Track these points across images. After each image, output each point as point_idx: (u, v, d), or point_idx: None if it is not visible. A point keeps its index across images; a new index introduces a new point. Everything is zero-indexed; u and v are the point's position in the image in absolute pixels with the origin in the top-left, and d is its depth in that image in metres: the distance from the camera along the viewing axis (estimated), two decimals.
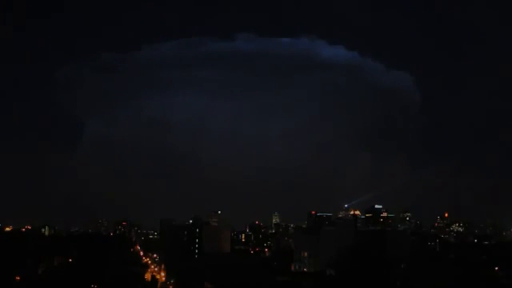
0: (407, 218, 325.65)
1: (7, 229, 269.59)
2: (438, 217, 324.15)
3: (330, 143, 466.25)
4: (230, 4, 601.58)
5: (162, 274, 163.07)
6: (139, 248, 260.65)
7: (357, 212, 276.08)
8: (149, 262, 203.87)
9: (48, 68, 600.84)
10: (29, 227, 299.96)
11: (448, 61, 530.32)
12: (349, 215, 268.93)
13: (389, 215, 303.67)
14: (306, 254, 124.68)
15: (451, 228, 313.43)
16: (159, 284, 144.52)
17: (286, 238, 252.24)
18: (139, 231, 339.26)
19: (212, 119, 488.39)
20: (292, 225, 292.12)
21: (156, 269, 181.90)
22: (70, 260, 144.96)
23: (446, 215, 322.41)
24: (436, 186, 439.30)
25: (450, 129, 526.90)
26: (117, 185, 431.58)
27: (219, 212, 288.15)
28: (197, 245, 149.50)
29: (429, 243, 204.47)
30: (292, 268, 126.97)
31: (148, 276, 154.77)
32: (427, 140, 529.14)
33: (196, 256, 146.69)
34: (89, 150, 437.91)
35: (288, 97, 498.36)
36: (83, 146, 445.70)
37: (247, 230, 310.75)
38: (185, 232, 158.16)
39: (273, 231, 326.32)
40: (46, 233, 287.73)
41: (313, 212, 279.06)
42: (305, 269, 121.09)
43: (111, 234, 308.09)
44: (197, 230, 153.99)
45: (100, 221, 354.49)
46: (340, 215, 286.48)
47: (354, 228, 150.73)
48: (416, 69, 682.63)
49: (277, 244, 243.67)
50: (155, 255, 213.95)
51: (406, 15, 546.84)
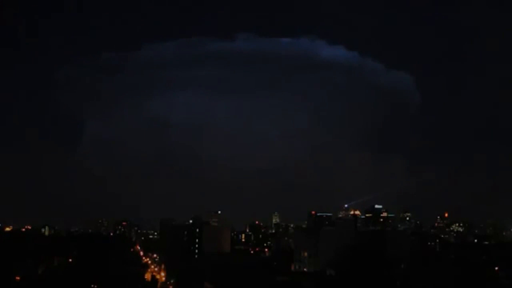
0: (407, 218, 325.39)
1: (7, 229, 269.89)
2: (438, 217, 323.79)
3: (330, 143, 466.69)
4: (230, 4, 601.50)
5: (162, 274, 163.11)
6: (139, 248, 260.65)
7: (357, 212, 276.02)
8: (149, 262, 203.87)
9: (48, 68, 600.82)
10: (29, 227, 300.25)
11: (448, 61, 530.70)
12: (349, 215, 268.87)
13: (389, 215, 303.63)
14: (306, 254, 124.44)
15: (451, 228, 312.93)
16: (159, 284, 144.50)
17: (286, 238, 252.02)
18: (139, 231, 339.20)
19: (212, 119, 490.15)
20: (292, 225, 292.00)
21: (156, 269, 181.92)
22: (70, 260, 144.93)
23: (446, 215, 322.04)
24: (436, 186, 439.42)
25: (450, 129, 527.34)
26: (117, 185, 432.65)
27: (219, 212, 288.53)
28: (197, 245, 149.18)
29: (429, 243, 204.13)
30: (292, 268, 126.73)
31: (148, 276, 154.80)
32: (427, 140, 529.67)
33: (196, 256, 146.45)
34: (89, 150, 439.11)
35: (288, 97, 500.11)
36: (83, 146, 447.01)
37: (247, 230, 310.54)
38: (185, 232, 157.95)
39: (273, 231, 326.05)
40: (46, 233, 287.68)
41: (313, 212, 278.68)
42: (305, 269, 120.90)
43: (111, 234, 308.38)
44: (197, 230, 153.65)
45: (100, 221, 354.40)
46: (340, 215, 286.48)
47: (354, 228, 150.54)
48: (416, 69, 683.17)
49: (277, 244, 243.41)
50: (155, 255, 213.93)
51: (406, 15, 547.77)
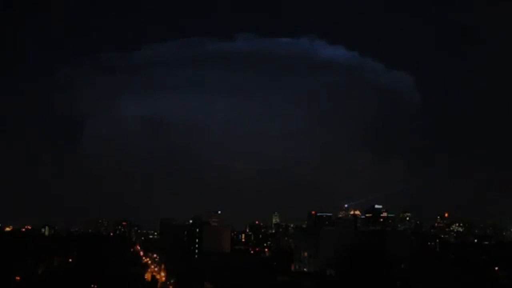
0: (407, 218, 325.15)
1: (7, 229, 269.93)
2: (438, 217, 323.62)
3: (330, 143, 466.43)
4: (230, 4, 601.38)
5: (162, 274, 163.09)
6: (139, 248, 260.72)
7: (357, 212, 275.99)
8: (149, 262, 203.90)
9: (48, 68, 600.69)
10: (29, 227, 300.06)
11: (448, 61, 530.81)
12: (349, 215, 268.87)
13: (389, 215, 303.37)
14: (306, 254, 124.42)
15: (451, 228, 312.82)
16: (159, 284, 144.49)
17: (286, 238, 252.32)
18: (139, 231, 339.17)
19: (212, 119, 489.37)
20: (292, 225, 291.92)
21: (156, 269, 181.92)
22: (70, 260, 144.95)
23: (446, 215, 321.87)
24: (436, 186, 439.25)
25: (450, 129, 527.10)
26: (117, 185, 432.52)
27: (219, 212, 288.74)
28: (197, 245, 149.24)
29: (429, 243, 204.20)
30: (292, 268, 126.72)
31: (148, 276, 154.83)
32: (427, 140, 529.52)
33: (196, 256, 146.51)
34: (89, 150, 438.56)
35: (288, 97, 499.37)
36: (83, 146, 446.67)
37: (247, 230, 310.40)
38: (185, 232, 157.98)
39: (273, 231, 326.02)
40: (46, 233, 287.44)
41: (313, 212, 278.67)
42: (305, 269, 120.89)
43: (111, 234, 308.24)
44: (197, 230, 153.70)
45: (100, 221, 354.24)
46: (340, 215, 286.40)
47: (354, 228, 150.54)
48: (416, 69, 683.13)
49: (277, 244, 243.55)
50: (155, 255, 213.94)
51: (406, 15, 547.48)
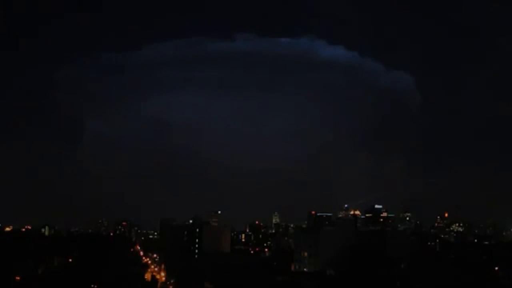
0: (407, 218, 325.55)
1: (7, 229, 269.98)
2: (438, 217, 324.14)
3: (330, 143, 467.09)
4: (230, 4, 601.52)
5: (162, 274, 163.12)
6: (139, 248, 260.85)
7: (357, 212, 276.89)
8: (149, 262, 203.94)
9: (48, 68, 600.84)
10: (29, 227, 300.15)
11: (448, 61, 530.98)
12: (349, 215, 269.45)
13: (389, 215, 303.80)
14: (306, 254, 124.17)
15: (451, 228, 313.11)
16: (159, 284, 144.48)
17: (286, 238, 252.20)
18: (139, 231, 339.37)
19: (212, 119, 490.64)
20: (292, 225, 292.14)
21: (156, 269, 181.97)
22: (70, 260, 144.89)
23: (446, 215, 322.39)
24: (436, 186, 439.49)
25: (450, 129, 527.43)
26: (117, 185, 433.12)
27: (219, 212, 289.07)
28: (197, 245, 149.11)
29: (429, 243, 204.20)
30: (292, 268, 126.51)
31: (148, 276, 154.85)
32: (427, 140, 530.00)
33: (196, 256, 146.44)
34: (89, 150, 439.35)
35: (288, 97, 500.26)
36: (83, 146, 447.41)
37: (247, 230, 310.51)
38: (185, 232, 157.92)
39: (273, 231, 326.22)
40: (46, 233, 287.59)
41: (313, 212, 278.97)
42: (305, 269, 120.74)
43: (111, 234, 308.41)
44: (197, 230, 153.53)
45: (100, 221, 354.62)
46: (340, 215, 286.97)
47: (354, 228, 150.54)
48: (416, 69, 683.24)
49: (277, 244, 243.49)
50: (155, 255, 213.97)
51: (406, 15, 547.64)
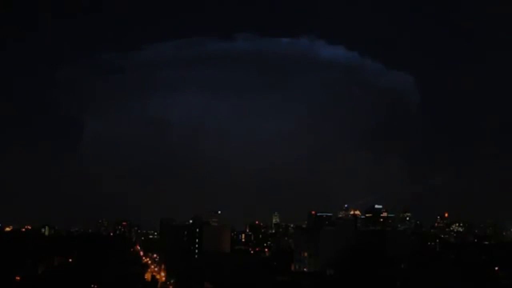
0: (407, 218, 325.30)
1: (7, 229, 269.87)
2: (438, 217, 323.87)
3: (330, 143, 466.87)
4: (230, 4, 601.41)
5: (162, 274, 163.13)
6: (139, 248, 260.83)
7: (357, 212, 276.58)
8: (149, 262, 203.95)
9: (48, 68, 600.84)
10: (29, 227, 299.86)
11: (448, 61, 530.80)
12: (349, 215, 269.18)
13: (389, 215, 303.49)
14: (306, 254, 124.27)
15: (451, 228, 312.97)
16: (159, 284, 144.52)
17: (286, 238, 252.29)
18: (139, 231, 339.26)
19: (212, 119, 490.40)
20: (292, 225, 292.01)
21: (156, 269, 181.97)
22: (70, 260, 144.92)
23: (446, 215, 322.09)
24: (436, 186, 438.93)
25: (450, 129, 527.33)
26: (117, 185, 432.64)
27: (219, 212, 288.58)
28: (197, 245, 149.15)
29: (429, 243, 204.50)
30: (292, 268, 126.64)
31: (148, 276, 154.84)
32: (427, 140, 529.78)
33: (196, 256, 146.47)
34: (89, 150, 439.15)
35: (288, 97, 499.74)
36: (83, 146, 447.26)
37: (247, 230, 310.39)
38: (185, 232, 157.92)
39: (273, 231, 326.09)
40: (46, 233, 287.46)
41: (313, 212, 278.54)
42: (305, 269, 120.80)
43: (111, 234, 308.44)
44: (197, 230, 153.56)
45: (100, 221, 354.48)
46: (340, 215, 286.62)
47: (354, 228, 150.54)
48: (416, 69, 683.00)
49: (277, 244, 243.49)
50: (155, 255, 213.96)
51: (406, 15, 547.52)
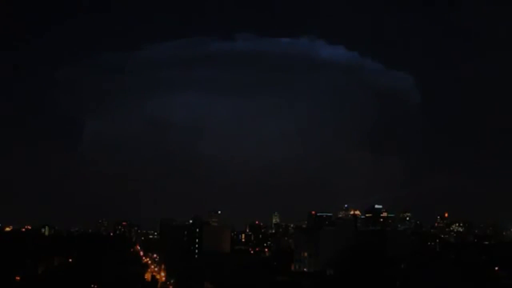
0: (407, 218, 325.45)
1: (7, 229, 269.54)
2: (438, 217, 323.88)
3: (330, 143, 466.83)
4: (230, 4, 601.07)
5: (162, 274, 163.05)
6: (139, 248, 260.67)
7: (357, 212, 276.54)
8: (149, 262, 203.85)
9: (48, 68, 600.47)
10: (29, 227, 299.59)
11: (448, 61, 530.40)
12: (349, 215, 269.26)
13: (389, 215, 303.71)
14: (306, 254, 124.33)
15: (451, 228, 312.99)
16: (159, 284, 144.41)
17: (286, 238, 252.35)
18: (139, 231, 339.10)
19: (212, 119, 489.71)
20: (292, 225, 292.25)
21: (156, 269, 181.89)
22: (70, 260, 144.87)
23: (446, 215, 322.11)
24: (436, 186, 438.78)
25: (450, 129, 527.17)
26: (117, 185, 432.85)
27: (219, 212, 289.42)
28: (197, 245, 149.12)
29: (429, 243, 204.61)
30: (292, 268, 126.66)
31: (148, 276, 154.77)
32: (427, 140, 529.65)
33: (196, 256, 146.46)
34: (89, 150, 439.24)
35: (288, 97, 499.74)
36: (83, 146, 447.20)
37: (247, 230, 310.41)
38: (185, 232, 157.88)
39: (273, 231, 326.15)
40: (46, 233, 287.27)
41: (313, 212, 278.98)
42: (305, 269, 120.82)
43: (111, 234, 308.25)
44: (197, 230, 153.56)
45: (100, 221, 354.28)
46: (340, 215, 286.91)
47: (354, 228, 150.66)
48: (416, 69, 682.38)
49: (277, 244, 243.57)
50: (155, 255, 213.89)
51: (406, 15, 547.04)
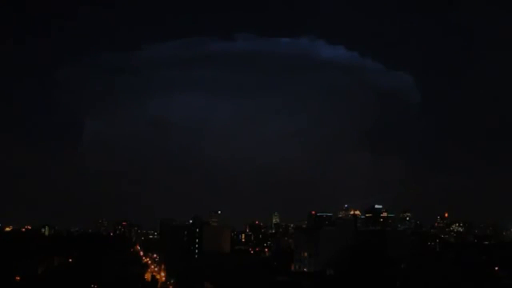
0: (407, 218, 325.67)
1: (7, 229, 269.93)
2: (438, 217, 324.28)
3: (330, 143, 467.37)
4: (230, 4, 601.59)
5: (162, 274, 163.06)
6: (139, 248, 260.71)
7: (357, 212, 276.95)
8: (149, 262, 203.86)
9: (48, 68, 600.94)
10: (29, 227, 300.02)
11: (448, 61, 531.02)
12: (349, 215, 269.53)
13: (389, 215, 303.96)
14: (306, 254, 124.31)
15: (451, 228, 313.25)
16: (159, 284, 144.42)
17: (286, 238, 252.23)
18: (139, 231, 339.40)
19: (212, 119, 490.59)
20: (292, 225, 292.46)
21: (156, 269, 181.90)
22: (70, 260, 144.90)
23: (446, 215, 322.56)
24: (436, 186, 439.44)
25: (450, 129, 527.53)
26: (117, 185, 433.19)
27: (219, 212, 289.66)
28: (197, 245, 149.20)
29: (429, 243, 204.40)
30: (292, 268, 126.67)
31: (148, 276, 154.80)
32: (427, 140, 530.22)
33: (196, 256, 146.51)
34: (89, 150, 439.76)
35: (288, 97, 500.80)
36: (83, 146, 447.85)
37: (247, 230, 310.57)
38: (185, 232, 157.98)
39: (273, 231, 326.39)
40: (46, 233, 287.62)
41: (313, 212, 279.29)
42: (305, 269, 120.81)
43: (111, 234, 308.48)
44: (197, 230, 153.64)
45: (100, 221, 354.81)
46: (340, 215, 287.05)
47: (354, 228, 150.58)
48: (416, 69, 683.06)
49: (277, 244, 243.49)
50: (155, 255, 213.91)
51: (406, 15, 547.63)
